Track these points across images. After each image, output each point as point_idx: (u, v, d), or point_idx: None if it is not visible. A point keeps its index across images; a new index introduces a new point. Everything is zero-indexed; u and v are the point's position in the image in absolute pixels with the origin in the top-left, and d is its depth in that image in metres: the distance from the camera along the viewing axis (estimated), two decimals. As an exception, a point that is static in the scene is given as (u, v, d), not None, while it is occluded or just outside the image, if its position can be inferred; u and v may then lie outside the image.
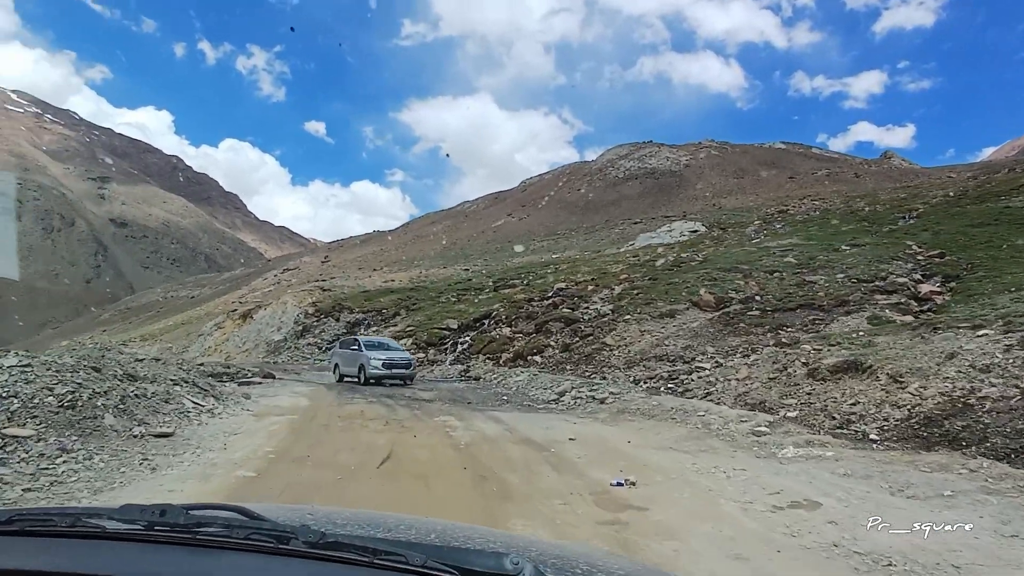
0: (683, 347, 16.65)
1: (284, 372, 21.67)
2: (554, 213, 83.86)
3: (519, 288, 29.05)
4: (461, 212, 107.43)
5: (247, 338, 36.92)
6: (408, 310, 31.52)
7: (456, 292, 33.06)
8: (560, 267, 36.30)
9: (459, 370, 20.62)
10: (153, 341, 55.81)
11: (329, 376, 20.86)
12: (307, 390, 14.07)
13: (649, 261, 30.69)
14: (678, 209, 69.44)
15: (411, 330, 25.24)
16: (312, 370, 23.28)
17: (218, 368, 20.75)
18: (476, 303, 27.53)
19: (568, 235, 67.45)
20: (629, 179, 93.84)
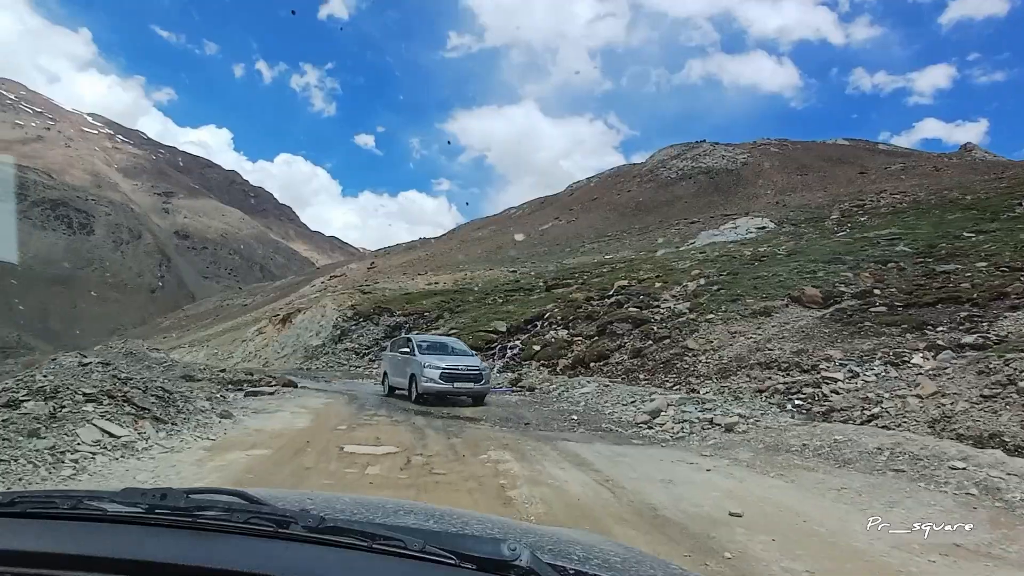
0: (794, 351, 12.93)
1: (313, 379, 19.02)
2: (603, 215, 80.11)
3: (574, 287, 25.67)
4: (507, 217, 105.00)
5: (286, 343, 34.90)
6: (452, 312, 28.62)
7: (503, 293, 29.96)
8: (616, 267, 32.78)
9: (509, 379, 17.39)
10: (201, 346, 55.18)
11: (361, 385, 18.01)
12: (320, 404, 11.16)
13: (722, 257, 26.79)
14: (737, 208, 64.89)
15: (454, 333, 22.23)
16: (346, 377, 20.55)
17: (239, 375, 18.33)
18: (527, 303, 24.31)
19: (620, 236, 63.75)
20: (682, 179, 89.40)
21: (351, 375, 21.08)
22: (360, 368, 22.87)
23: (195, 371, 18.00)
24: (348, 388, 16.07)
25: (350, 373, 21.79)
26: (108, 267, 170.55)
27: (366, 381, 18.99)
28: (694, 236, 48.29)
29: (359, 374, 21.23)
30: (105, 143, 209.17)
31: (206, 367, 20.39)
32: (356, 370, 22.61)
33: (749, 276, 20.15)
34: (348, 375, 21.17)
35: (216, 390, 12.64)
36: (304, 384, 16.89)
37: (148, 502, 1.04)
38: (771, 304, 16.50)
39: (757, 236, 39.34)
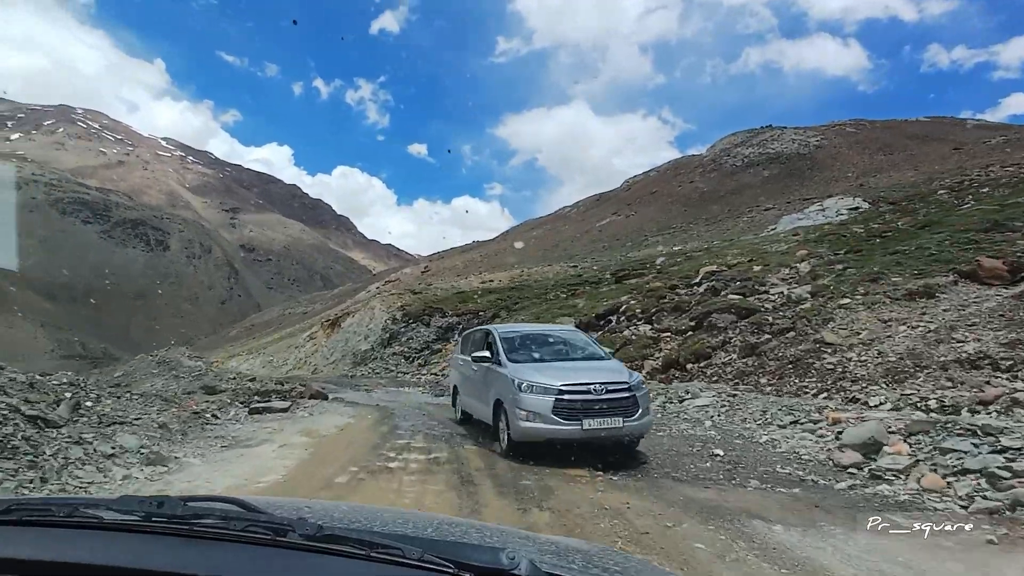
0: (1004, 343, 8.88)
1: (353, 388, 16.18)
2: (665, 208, 75.43)
3: (649, 277, 21.90)
4: (561, 216, 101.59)
5: (335, 348, 32.69)
6: (509, 310, 25.42)
7: (566, 287, 26.51)
8: (693, 255, 28.69)
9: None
10: (257, 354, 54.46)
11: (405, 394, 15.01)
12: (335, 428, 8.08)
13: (827, 236, 22.35)
14: (815, 192, 59.23)
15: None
16: (391, 384, 17.62)
17: (269, 385, 15.70)
18: (595, 296, 20.76)
19: (685, 228, 59.15)
20: (749, 167, 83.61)
21: (397, 382, 18.17)
22: (407, 375, 19.98)
23: (222, 380, 15.59)
24: (388, 399, 13.07)
25: (396, 380, 18.90)
26: (182, 281, 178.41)
27: (412, 389, 15.99)
28: (773, 222, 43.53)
29: (406, 381, 18.30)
30: (178, 164, 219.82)
31: (237, 376, 17.94)
32: (403, 377, 19.72)
33: (880, 252, 15.90)
34: (394, 382, 18.27)
35: (217, 406, 9.90)
36: (338, 395, 14.03)
37: (145, 510, 1.04)
38: (932, 282, 12.32)
39: (853, 216, 34.32)
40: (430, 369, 18.82)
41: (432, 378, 17.77)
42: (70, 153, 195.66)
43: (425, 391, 15.65)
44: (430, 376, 17.86)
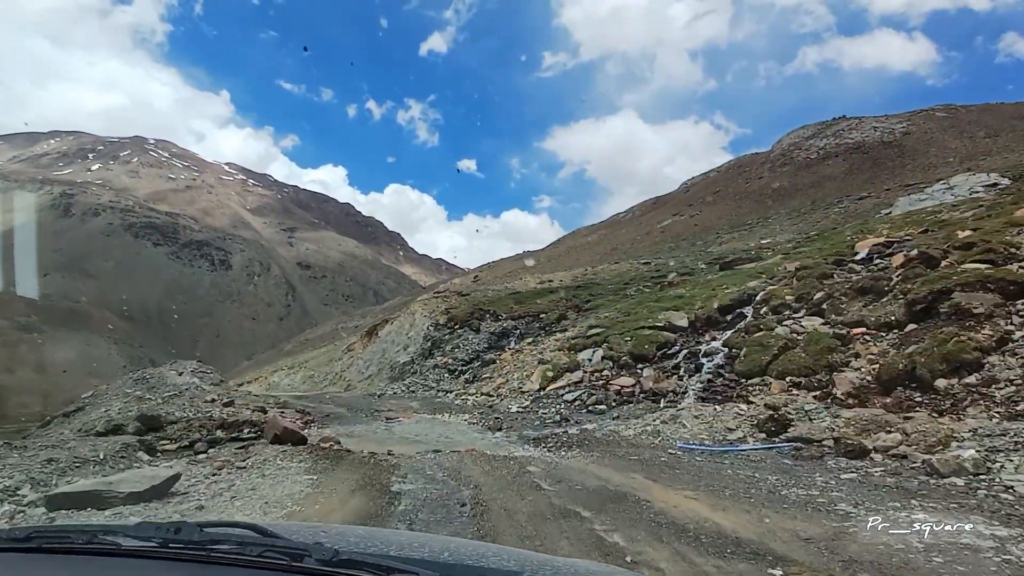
0: None
1: (369, 415, 10.86)
2: (734, 205, 68.10)
3: (774, 260, 15.74)
4: (615, 222, 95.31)
5: (371, 361, 27.82)
6: (579, 311, 19.74)
7: (650, 280, 20.61)
8: (806, 242, 22.31)
9: (742, 418, 7.97)
10: (298, 369, 50.71)
11: (434, 435, 9.62)
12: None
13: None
14: (913, 179, 51.17)
15: (595, 336, 13.25)
16: (426, 409, 12.21)
17: (242, 413, 10.78)
18: (705, 285, 14.82)
19: (764, 223, 51.98)
20: (826, 158, 75.30)
21: (435, 404, 12.77)
22: (451, 393, 14.52)
23: (190, 405, 10.82)
24: (415, 437, 7.74)
25: (435, 401, 13.50)
26: (244, 299, 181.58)
27: (455, 417, 10.58)
28: (883, 207, 36.39)
29: (448, 404, 12.85)
30: (239, 188, 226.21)
31: (220, 395, 12.95)
32: (445, 397, 14.30)
33: None
34: (431, 404, 12.88)
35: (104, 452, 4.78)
36: (343, 426, 8.79)
37: (162, 536, 1.02)
38: None
39: (991, 193, 26.97)
40: (480, 387, 13.42)
41: (483, 399, 12.31)
42: (143, 180, 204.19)
43: (474, 420, 10.19)
44: (480, 396, 12.45)
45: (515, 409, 10.92)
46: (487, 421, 10.08)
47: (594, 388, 10.86)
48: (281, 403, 13.15)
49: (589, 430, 8.59)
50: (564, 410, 10.42)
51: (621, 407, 10.03)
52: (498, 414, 10.69)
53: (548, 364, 12.10)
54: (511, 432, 9.07)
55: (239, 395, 14.37)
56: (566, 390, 11.12)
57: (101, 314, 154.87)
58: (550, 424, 9.63)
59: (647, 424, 8.22)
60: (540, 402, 11.03)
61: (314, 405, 13.40)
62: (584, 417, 9.91)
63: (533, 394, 11.45)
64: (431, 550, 1.24)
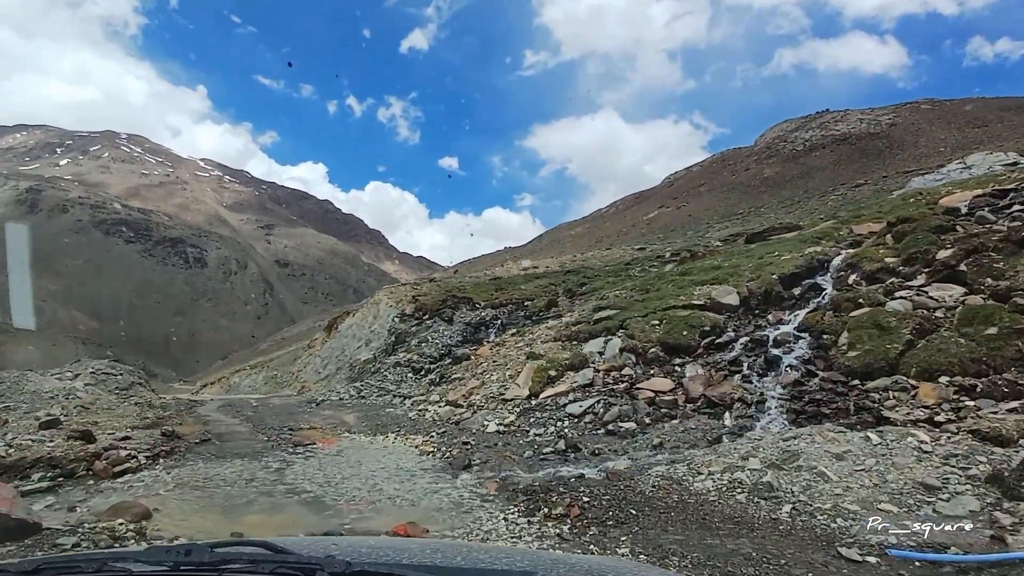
0: None
1: (277, 436, 6.82)
2: (722, 197, 65.43)
3: (824, 225, 12.08)
4: (598, 217, 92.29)
5: (329, 358, 23.68)
6: (573, 296, 15.96)
7: (657, 261, 16.90)
8: (825, 220, 18.84)
9: (937, 462, 4.08)
10: (260, 369, 46.27)
11: (341, 496, 5.50)
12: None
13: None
14: (898, 169, 48.95)
15: (605, 321, 9.36)
16: (364, 426, 8.19)
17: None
18: (746, 255, 11.06)
19: (757, 212, 49.00)
20: (812, 150, 73.23)
21: (379, 420, 8.74)
22: (408, 401, 10.48)
23: None
24: (287, 491, 3.75)
25: (380, 414, 9.46)
26: (219, 297, 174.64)
27: (397, 444, 6.59)
28: (889, 191, 33.47)
29: (395, 419, 8.84)
30: (215, 184, 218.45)
31: (65, 409, 8.79)
32: (399, 405, 10.30)
33: None
34: (374, 419, 8.84)
35: None
36: (198, 466, 4.82)
37: (173, 559, 1.00)
38: None
39: (1014, 172, 23.92)
40: (447, 392, 9.47)
41: (448, 411, 8.35)
42: (114, 176, 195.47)
43: (430, 447, 6.27)
44: (444, 407, 8.48)
45: (493, 428, 7.08)
46: (449, 450, 6.22)
47: (613, 394, 7.09)
48: (165, 415, 9.09)
49: (620, 473, 4.78)
50: (569, 429, 6.62)
51: (660, 425, 6.26)
52: (468, 437, 6.83)
53: (541, 360, 8.31)
54: (485, 473, 5.25)
55: (139, 405, 10.26)
56: (570, 397, 7.34)
57: (68, 313, 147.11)
58: (550, 457, 5.82)
59: (731, 464, 4.45)
60: (531, 416, 7.22)
61: (217, 417, 9.37)
62: (603, 443, 6.10)
63: (520, 403, 7.64)
64: (444, 556, 1.20)
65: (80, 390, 12.87)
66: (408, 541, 1.51)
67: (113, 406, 9.96)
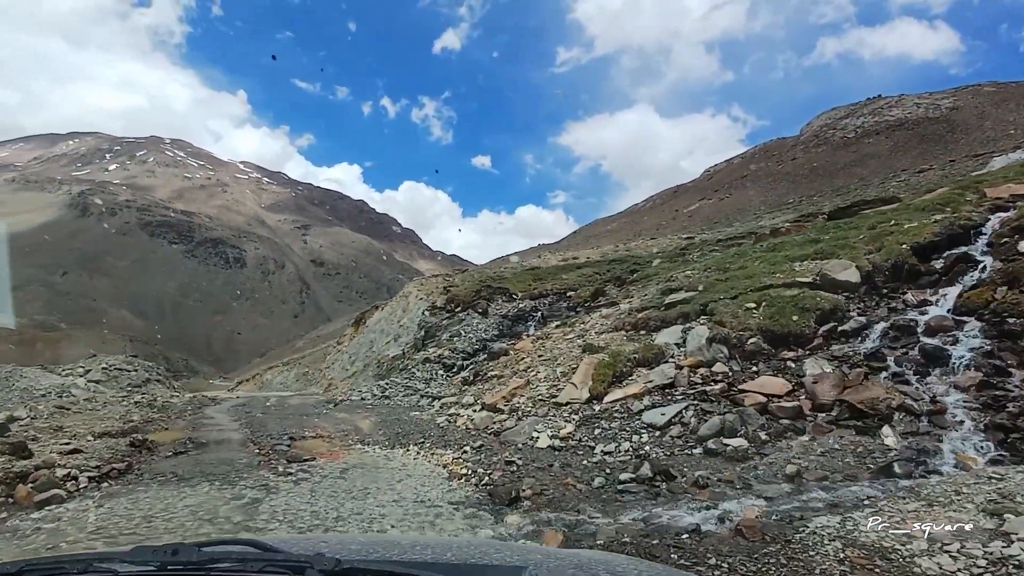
0: None
1: (274, 446, 5.15)
2: (767, 187, 62.30)
3: (937, 193, 9.89)
4: (634, 212, 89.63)
5: (356, 354, 22.34)
6: (623, 284, 14.08)
7: (718, 244, 14.86)
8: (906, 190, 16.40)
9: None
10: (292, 366, 45.78)
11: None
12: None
13: None
14: (966, 152, 45.20)
15: (680, 305, 7.49)
16: (379, 437, 6.50)
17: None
18: (852, 227, 8.96)
19: (810, 200, 46.03)
20: (865, 136, 69.25)
21: (400, 427, 7.07)
22: (437, 403, 8.79)
23: None
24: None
25: (402, 419, 7.80)
26: (258, 296, 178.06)
27: (418, 463, 4.89)
28: (977, 167, 30.38)
29: (418, 427, 7.16)
30: (254, 186, 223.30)
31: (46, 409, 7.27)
32: (426, 408, 8.66)
33: None
34: (394, 425, 7.18)
35: None
36: (156, 492, 3.19)
37: (160, 559, 0.98)
38: None
39: None
40: (482, 392, 7.75)
41: (484, 417, 6.58)
42: (159, 179, 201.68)
43: (461, 469, 4.52)
44: (480, 412, 6.72)
45: (545, 441, 5.35)
46: (489, 472, 4.52)
47: (706, 399, 5.28)
48: (156, 418, 7.67)
49: (757, 527, 2.93)
50: (651, 446, 4.84)
51: (782, 442, 4.41)
52: (512, 453, 5.12)
53: (602, 354, 6.53)
54: (542, 512, 3.53)
55: (138, 404, 8.92)
56: (645, 402, 5.55)
57: (118, 312, 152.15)
58: (631, 488, 4.06)
59: (959, 517, 2.59)
60: (595, 426, 5.46)
61: (216, 421, 7.91)
62: (705, 467, 4.29)
63: (579, 408, 5.89)
64: (434, 552, 1.17)
65: (80, 387, 11.73)
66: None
67: (98, 407, 8.62)
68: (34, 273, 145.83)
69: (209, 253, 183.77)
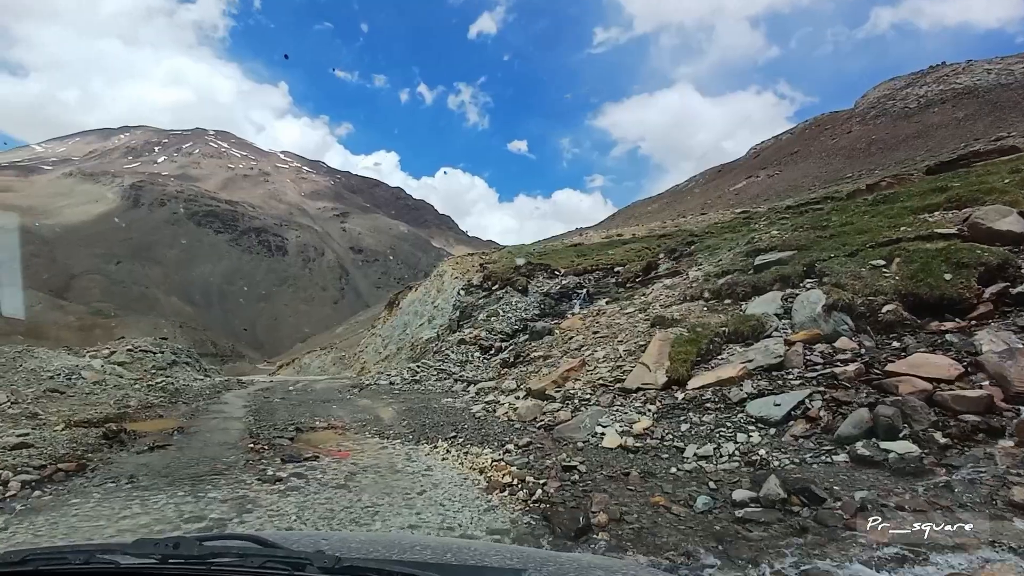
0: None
1: (275, 439, 3.89)
2: (821, 162, 58.70)
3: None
4: (676, 192, 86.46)
5: (389, 337, 21.45)
6: (678, 256, 12.51)
7: (786, 211, 13.08)
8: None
9: None
10: (329, 350, 45.71)
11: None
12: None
13: None
14: None
15: (775, 267, 5.98)
16: (402, 429, 5.22)
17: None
18: (995, 171, 7.20)
19: (868, 175, 42.72)
20: (930, 106, 64.50)
21: (427, 417, 5.83)
22: (472, 388, 7.58)
23: None
24: None
25: (430, 408, 6.55)
26: (299, 283, 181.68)
27: (446, 467, 3.61)
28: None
29: (450, 417, 5.92)
30: (294, 175, 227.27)
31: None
32: (460, 394, 7.43)
33: None
34: (421, 414, 5.95)
35: None
36: (97, 506, 2.02)
37: (161, 552, 0.99)
38: None
39: None
40: (530, 372, 6.44)
41: (531, 406, 5.28)
42: (204, 170, 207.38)
43: (504, 478, 3.21)
44: (526, 399, 5.44)
45: (614, 439, 4.02)
46: (541, 482, 3.24)
47: (835, 384, 3.83)
48: (157, 404, 6.69)
49: None
50: (765, 447, 3.46)
51: (978, 447, 2.96)
52: (571, 455, 3.81)
53: (678, 328, 5.10)
54: (627, 557, 2.18)
55: (151, 387, 8.07)
56: (747, 387, 4.15)
57: (168, 299, 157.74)
58: (754, 514, 2.70)
59: None
60: (680, 419, 4.10)
61: (224, 408, 6.89)
62: (865, 483, 2.89)
63: (652, 395, 4.53)
64: (433, 552, 1.18)
65: (95, 369, 11.04)
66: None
67: (97, 390, 7.73)
68: (93, 262, 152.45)
69: (252, 241, 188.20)
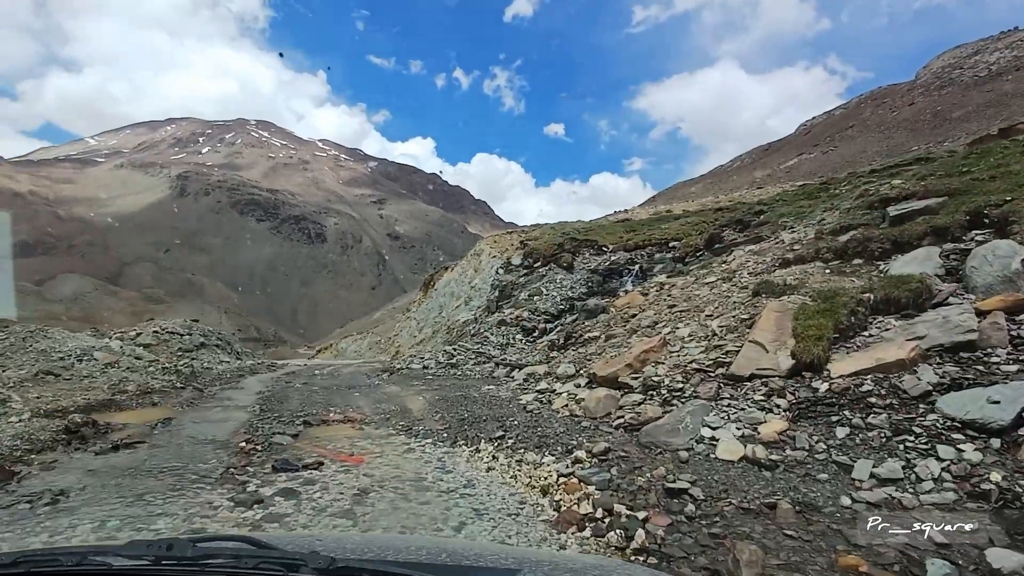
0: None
1: (277, 442, 2.73)
2: (880, 137, 54.73)
3: None
4: (719, 173, 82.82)
5: (425, 320, 20.53)
6: (744, 227, 10.96)
7: (874, 176, 11.35)
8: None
9: None
10: (366, 334, 45.49)
11: None
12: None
13: None
14: None
15: (925, 218, 4.56)
16: (434, 426, 4.05)
17: None
18: None
19: (938, 148, 39.27)
20: (1003, 73, 59.73)
21: (467, 413, 4.68)
22: (518, 374, 6.44)
23: None
24: None
25: (470, 398, 5.41)
26: (338, 269, 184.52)
27: (503, 495, 2.44)
28: None
29: (495, 409, 4.76)
30: (332, 163, 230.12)
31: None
32: (504, 381, 6.30)
33: None
34: (459, 406, 4.80)
35: None
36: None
37: (154, 554, 0.98)
38: None
39: None
40: (591, 355, 5.27)
41: (605, 396, 4.12)
42: (246, 159, 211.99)
43: (589, 507, 1.97)
44: (591, 386, 4.31)
45: (731, 448, 2.80)
46: (635, 517, 2.05)
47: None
48: (162, 389, 5.77)
49: None
50: (994, 468, 2.16)
51: None
52: (670, 470, 2.62)
53: (796, 295, 3.80)
54: None
55: (165, 370, 7.27)
56: (927, 375, 2.87)
57: (213, 286, 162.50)
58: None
59: None
60: (827, 422, 2.86)
61: (237, 396, 5.96)
62: None
63: (778, 385, 3.29)
64: (429, 553, 1.17)
65: (112, 350, 10.39)
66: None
67: (96, 373, 6.90)
68: (143, 250, 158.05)
69: (293, 229, 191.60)
